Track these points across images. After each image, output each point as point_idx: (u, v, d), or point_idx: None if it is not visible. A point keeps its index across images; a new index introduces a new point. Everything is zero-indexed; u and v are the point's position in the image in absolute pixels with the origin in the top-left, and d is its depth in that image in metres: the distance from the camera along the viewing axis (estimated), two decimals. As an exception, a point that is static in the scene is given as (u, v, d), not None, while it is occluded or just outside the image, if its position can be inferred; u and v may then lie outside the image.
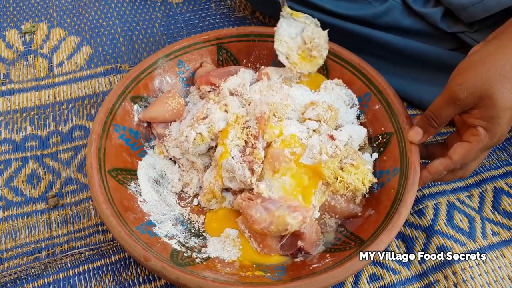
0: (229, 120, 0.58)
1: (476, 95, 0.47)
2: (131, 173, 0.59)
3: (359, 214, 0.55)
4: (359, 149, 0.59)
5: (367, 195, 0.56)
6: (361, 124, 0.63)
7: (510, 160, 0.65)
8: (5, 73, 0.79)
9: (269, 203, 0.52)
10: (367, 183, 0.54)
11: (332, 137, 0.57)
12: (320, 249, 0.53)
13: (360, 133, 0.59)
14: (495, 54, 0.48)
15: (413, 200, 0.50)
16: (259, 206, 0.52)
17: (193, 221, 0.57)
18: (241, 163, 0.55)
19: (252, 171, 0.54)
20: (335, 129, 0.59)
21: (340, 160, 0.55)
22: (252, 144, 0.55)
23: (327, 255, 0.51)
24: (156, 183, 0.60)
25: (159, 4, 0.91)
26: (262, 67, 0.69)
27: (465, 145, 0.50)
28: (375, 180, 0.55)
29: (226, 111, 0.59)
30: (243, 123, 0.57)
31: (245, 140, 0.56)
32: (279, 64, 0.68)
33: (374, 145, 0.61)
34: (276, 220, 0.50)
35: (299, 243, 0.51)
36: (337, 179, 0.54)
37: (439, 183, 0.63)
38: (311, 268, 0.49)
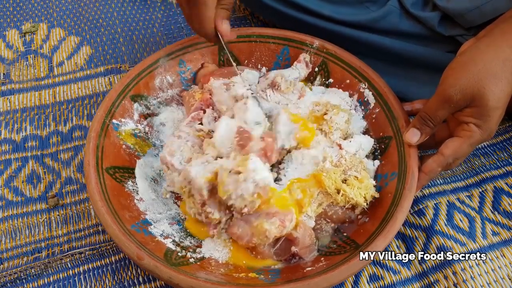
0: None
1: (468, 96, 0.48)
2: (129, 171, 0.59)
3: (355, 219, 0.55)
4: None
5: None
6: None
7: (510, 160, 0.65)
8: (5, 73, 0.79)
9: (249, 215, 0.51)
10: (369, 198, 0.53)
11: (340, 147, 0.57)
12: (314, 254, 0.52)
13: (368, 144, 0.58)
14: (485, 54, 0.49)
15: (409, 206, 0.50)
16: (239, 221, 0.51)
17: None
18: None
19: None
20: (346, 138, 0.59)
21: (344, 171, 0.55)
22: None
23: (322, 259, 0.51)
24: (154, 182, 0.60)
25: (159, 4, 0.92)
26: (264, 68, 0.69)
27: (456, 140, 0.51)
28: (377, 195, 0.54)
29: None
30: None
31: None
32: (282, 67, 0.69)
33: (375, 147, 0.60)
34: (255, 230, 0.50)
35: (293, 248, 0.51)
36: (338, 192, 0.53)
37: (438, 182, 0.63)
38: (305, 271, 0.49)
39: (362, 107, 0.63)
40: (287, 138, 0.57)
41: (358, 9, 0.71)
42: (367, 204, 0.53)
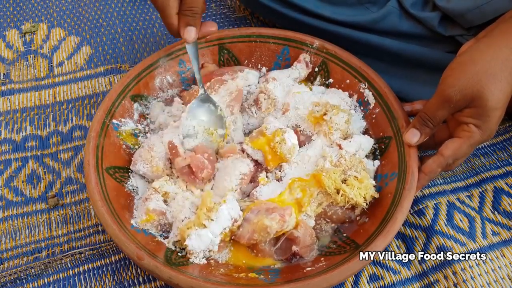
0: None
1: (468, 96, 0.48)
2: (129, 172, 0.59)
3: (355, 219, 0.55)
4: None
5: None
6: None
7: (510, 160, 0.65)
8: (5, 73, 0.79)
9: (249, 213, 0.52)
10: (369, 198, 0.53)
11: (340, 147, 0.57)
12: (315, 254, 0.52)
13: (367, 144, 0.58)
14: (485, 54, 0.49)
15: (409, 206, 0.50)
16: (240, 221, 0.52)
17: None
18: None
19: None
20: (345, 138, 0.59)
21: (344, 171, 0.55)
22: None
23: (322, 259, 0.51)
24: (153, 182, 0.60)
25: (159, 4, 0.91)
26: (264, 68, 0.69)
27: (456, 141, 0.51)
28: (376, 195, 0.54)
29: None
30: None
31: None
32: (282, 67, 0.69)
33: (375, 147, 0.60)
34: (256, 226, 0.50)
35: (294, 248, 0.51)
36: (338, 192, 0.53)
37: (438, 183, 0.63)
38: (304, 271, 0.49)
39: (362, 107, 0.63)
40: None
41: (358, 10, 0.71)
42: (366, 204, 0.53)
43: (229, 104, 0.61)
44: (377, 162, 0.58)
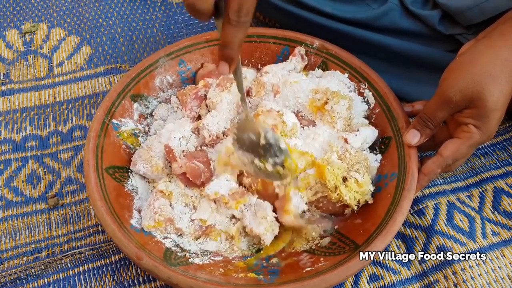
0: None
1: (468, 97, 0.48)
2: (129, 171, 0.59)
3: (345, 214, 0.56)
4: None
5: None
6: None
7: (510, 160, 0.65)
8: (5, 73, 0.79)
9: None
10: (362, 202, 0.54)
11: (346, 141, 0.57)
12: (326, 241, 0.53)
13: (372, 136, 0.58)
14: (484, 55, 0.49)
15: (409, 206, 0.50)
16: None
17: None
18: None
19: None
20: (349, 124, 0.59)
21: (348, 168, 0.54)
22: None
23: (321, 259, 0.51)
24: (154, 181, 0.60)
25: (159, 4, 0.92)
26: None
27: (456, 141, 0.51)
28: (371, 201, 0.54)
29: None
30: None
31: None
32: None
33: (376, 147, 0.60)
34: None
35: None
36: (336, 189, 0.53)
37: (438, 183, 0.63)
38: (304, 271, 0.49)
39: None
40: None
41: (359, 6, 0.71)
42: (358, 207, 0.54)
43: (239, 105, 0.61)
44: (379, 157, 0.58)
